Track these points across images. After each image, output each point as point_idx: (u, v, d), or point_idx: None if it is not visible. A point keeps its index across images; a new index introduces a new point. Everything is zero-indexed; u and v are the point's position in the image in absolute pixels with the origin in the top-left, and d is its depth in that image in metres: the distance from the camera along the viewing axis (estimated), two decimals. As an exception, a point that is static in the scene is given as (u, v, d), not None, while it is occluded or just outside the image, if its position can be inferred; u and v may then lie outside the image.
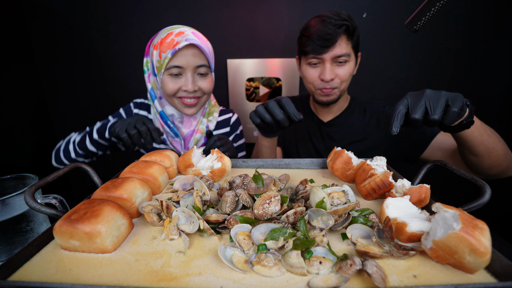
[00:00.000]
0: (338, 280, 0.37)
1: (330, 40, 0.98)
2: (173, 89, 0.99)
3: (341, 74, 1.05)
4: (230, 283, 0.37)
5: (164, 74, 0.98)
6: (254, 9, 1.53)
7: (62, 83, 1.66)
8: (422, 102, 0.58)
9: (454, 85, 1.60)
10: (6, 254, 0.64)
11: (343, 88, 1.09)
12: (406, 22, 0.67)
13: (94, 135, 1.01)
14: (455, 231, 0.36)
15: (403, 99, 0.61)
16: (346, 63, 1.05)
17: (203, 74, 1.01)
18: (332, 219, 0.46)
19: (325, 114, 1.22)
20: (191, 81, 0.97)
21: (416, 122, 0.59)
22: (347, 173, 0.68)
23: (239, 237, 0.45)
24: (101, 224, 0.43)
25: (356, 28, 1.03)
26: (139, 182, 0.58)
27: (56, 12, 1.52)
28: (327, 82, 1.05)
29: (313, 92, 1.13)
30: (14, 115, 1.41)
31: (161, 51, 0.94)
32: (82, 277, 0.39)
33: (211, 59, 1.03)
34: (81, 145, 1.04)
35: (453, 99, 0.58)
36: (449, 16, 1.48)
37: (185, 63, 0.95)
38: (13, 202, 0.64)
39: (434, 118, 0.57)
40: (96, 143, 1.03)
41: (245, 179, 0.65)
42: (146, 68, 1.06)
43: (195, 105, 1.05)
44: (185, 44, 0.92)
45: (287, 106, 0.77)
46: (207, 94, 1.06)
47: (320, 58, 1.03)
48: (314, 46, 1.01)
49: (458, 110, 0.58)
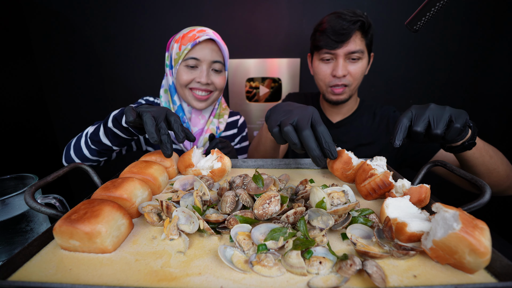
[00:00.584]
0: (338, 280, 0.37)
1: (344, 35, 0.98)
2: (187, 80, 1.02)
3: (353, 72, 1.04)
4: (230, 283, 0.37)
5: (181, 65, 1.02)
6: (254, 9, 1.53)
7: (62, 83, 1.66)
8: (425, 116, 0.58)
9: (454, 85, 1.60)
10: (6, 254, 0.63)
11: (354, 87, 1.08)
12: (406, 22, 0.67)
13: (109, 123, 0.84)
14: (455, 231, 0.36)
15: (408, 112, 0.60)
16: (359, 60, 1.04)
17: (218, 71, 1.05)
18: (332, 219, 0.46)
19: (334, 114, 1.21)
20: (205, 74, 1.01)
21: (418, 135, 0.58)
22: (347, 173, 0.68)
23: (239, 237, 0.45)
24: (101, 224, 0.43)
25: (371, 25, 1.02)
26: (139, 182, 0.58)
27: (56, 12, 1.52)
28: (339, 79, 1.04)
29: (324, 91, 1.12)
30: (14, 115, 1.41)
31: (181, 44, 1.00)
32: (82, 277, 0.39)
33: (226, 58, 1.07)
34: (94, 137, 0.89)
35: (456, 115, 0.57)
36: (449, 16, 1.48)
37: (202, 56, 1.00)
38: (13, 202, 0.64)
39: (437, 132, 0.56)
40: (111, 133, 0.85)
41: (245, 179, 0.65)
42: (167, 62, 1.09)
43: (206, 100, 1.07)
44: (206, 38, 0.99)
45: (325, 137, 0.59)
46: (219, 91, 1.09)
47: (334, 54, 1.03)
48: (328, 41, 1.01)
49: (461, 127, 0.57)
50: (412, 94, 1.65)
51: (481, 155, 0.76)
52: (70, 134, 1.14)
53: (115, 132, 0.83)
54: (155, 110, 0.69)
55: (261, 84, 1.65)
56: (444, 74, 1.59)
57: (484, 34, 1.51)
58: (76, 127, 1.67)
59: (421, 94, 1.64)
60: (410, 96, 1.65)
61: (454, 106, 0.61)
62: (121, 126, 0.80)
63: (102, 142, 0.88)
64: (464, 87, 1.60)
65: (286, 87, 1.65)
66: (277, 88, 1.65)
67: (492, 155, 0.79)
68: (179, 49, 1.00)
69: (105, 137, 0.87)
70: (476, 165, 0.78)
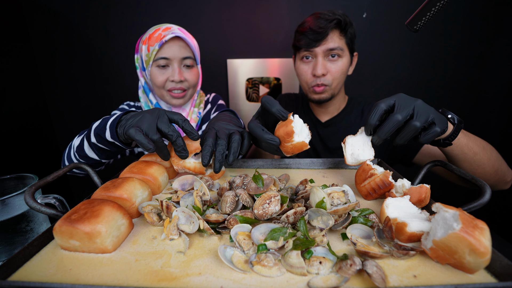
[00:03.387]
0: (338, 280, 0.37)
1: (321, 34, 0.99)
2: (162, 81, 1.03)
3: (333, 70, 1.04)
4: (230, 283, 0.37)
5: (152, 66, 1.03)
6: (254, 9, 1.53)
7: (62, 83, 1.66)
8: (411, 107, 0.57)
9: (454, 85, 1.60)
10: (6, 254, 0.64)
11: (335, 86, 1.08)
12: (406, 22, 0.67)
13: (92, 138, 0.77)
14: (455, 231, 0.36)
15: (388, 99, 0.59)
16: (339, 58, 1.04)
17: (189, 66, 1.06)
18: (332, 219, 0.46)
19: (323, 114, 1.22)
20: (177, 72, 1.02)
21: (394, 122, 0.56)
22: (286, 145, 0.62)
23: (239, 237, 0.45)
24: (101, 224, 0.43)
25: (350, 24, 1.03)
26: (139, 182, 0.58)
27: (56, 12, 1.52)
28: (319, 78, 1.05)
29: (307, 91, 1.13)
30: (14, 114, 1.42)
31: (149, 45, 1.00)
32: (82, 277, 0.39)
33: (196, 53, 1.08)
34: (80, 151, 0.82)
35: (439, 119, 0.57)
36: (449, 16, 1.48)
37: (171, 55, 1.01)
38: (13, 202, 0.64)
39: (416, 125, 0.55)
40: (97, 148, 0.78)
41: (245, 179, 0.65)
42: (137, 64, 1.10)
43: (183, 97, 1.09)
44: (171, 37, 0.99)
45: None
46: (193, 87, 1.10)
47: (312, 51, 1.04)
48: (307, 40, 1.02)
49: (440, 131, 0.56)
50: (412, 94, 1.64)
51: (462, 152, 0.75)
52: (70, 134, 1.13)
53: (100, 147, 0.77)
54: (142, 120, 0.62)
55: (261, 84, 1.65)
56: (444, 74, 1.59)
57: (484, 34, 1.51)
58: (76, 127, 1.67)
59: (421, 94, 1.64)
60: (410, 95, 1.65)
61: (454, 106, 0.61)
62: (106, 141, 0.73)
63: (89, 157, 0.82)
64: (464, 87, 1.60)
65: (286, 87, 1.65)
66: (277, 88, 1.65)
67: (477, 152, 0.77)
68: (147, 50, 1.01)
69: (92, 152, 0.80)
70: (458, 160, 0.77)
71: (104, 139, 0.72)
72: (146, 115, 0.62)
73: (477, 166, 0.79)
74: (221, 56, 1.60)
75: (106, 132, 0.71)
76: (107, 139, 0.71)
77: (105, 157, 0.83)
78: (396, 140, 0.58)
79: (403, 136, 0.56)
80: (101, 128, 0.73)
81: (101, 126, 0.73)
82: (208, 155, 0.64)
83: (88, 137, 0.78)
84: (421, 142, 0.57)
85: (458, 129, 0.64)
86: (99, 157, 0.81)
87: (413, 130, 0.55)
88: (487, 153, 0.80)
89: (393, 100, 0.58)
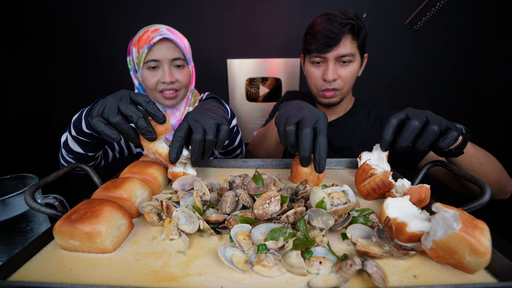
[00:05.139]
0: (338, 280, 0.37)
1: (334, 39, 0.97)
2: (153, 83, 1.04)
3: (343, 75, 1.04)
4: (230, 283, 0.37)
5: (143, 69, 1.03)
6: (254, 9, 1.53)
7: (62, 83, 1.66)
8: (423, 115, 0.57)
9: (454, 85, 1.60)
10: (6, 254, 0.63)
11: (345, 90, 1.08)
12: (406, 22, 0.67)
13: (72, 131, 0.74)
14: (455, 231, 0.36)
15: (400, 113, 0.60)
16: (350, 63, 1.03)
17: (180, 66, 1.06)
18: (332, 219, 0.46)
19: (329, 114, 1.21)
20: (168, 73, 1.02)
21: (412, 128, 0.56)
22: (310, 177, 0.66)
23: (239, 237, 0.45)
24: (101, 224, 0.43)
25: (363, 27, 1.01)
26: (139, 182, 0.58)
27: (56, 12, 1.52)
28: (329, 83, 1.04)
29: (316, 95, 1.12)
30: (14, 114, 1.41)
31: (139, 48, 1.01)
32: (82, 277, 0.39)
33: (186, 53, 1.08)
34: (66, 146, 0.81)
35: (451, 125, 0.57)
36: (449, 16, 1.48)
37: (160, 56, 1.01)
38: (13, 202, 0.64)
39: (434, 128, 0.55)
40: (78, 141, 0.76)
41: (245, 179, 0.65)
42: (130, 66, 1.11)
43: (175, 98, 1.09)
44: (159, 38, 0.99)
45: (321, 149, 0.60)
46: (185, 87, 1.10)
47: (324, 57, 1.02)
48: (318, 45, 1.00)
49: (457, 134, 0.56)
50: (412, 94, 1.64)
51: (470, 161, 0.76)
52: (70, 134, 1.14)
53: (81, 139, 0.75)
54: (103, 106, 0.58)
55: (261, 84, 1.65)
56: (444, 74, 1.59)
57: (485, 34, 1.51)
58: (76, 127, 1.67)
59: (421, 94, 1.64)
60: (410, 96, 1.65)
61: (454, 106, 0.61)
62: (84, 133, 0.71)
63: (75, 151, 0.80)
64: (464, 87, 1.60)
65: (286, 87, 1.65)
66: (277, 88, 1.65)
67: (483, 162, 0.78)
68: (137, 52, 1.01)
69: (75, 145, 0.79)
70: (465, 170, 0.78)
71: (82, 130, 0.70)
72: (109, 99, 0.59)
73: (482, 176, 0.79)
74: (221, 56, 1.59)
75: (82, 123, 0.69)
76: (84, 131, 0.70)
77: (89, 150, 0.80)
78: (417, 146, 0.58)
79: (424, 141, 0.56)
80: (78, 120, 0.71)
81: (78, 117, 0.71)
82: (175, 151, 0.59)
83: (69, 130, 0.76)
84: (441, 147, 0.57)
85: (467, 138, 0.64)
86: (84, 150, 0.79)
87: (432, 133, 0.55)
88: (492, 164, 0.81)
89: (404, 113, 0.59)
